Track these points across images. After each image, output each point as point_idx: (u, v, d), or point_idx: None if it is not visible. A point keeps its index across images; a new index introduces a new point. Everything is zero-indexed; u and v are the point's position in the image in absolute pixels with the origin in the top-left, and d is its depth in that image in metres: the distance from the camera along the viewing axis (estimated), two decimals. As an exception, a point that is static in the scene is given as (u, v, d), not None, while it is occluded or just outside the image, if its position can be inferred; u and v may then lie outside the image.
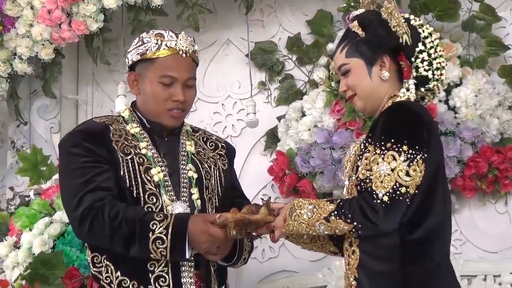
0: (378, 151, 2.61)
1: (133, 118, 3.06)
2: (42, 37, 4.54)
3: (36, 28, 4.53)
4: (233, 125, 4.81)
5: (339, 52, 2.85)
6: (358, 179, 2.69)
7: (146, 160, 2.96)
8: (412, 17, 2.87)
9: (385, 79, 2.79)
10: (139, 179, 2.92)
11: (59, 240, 3.88)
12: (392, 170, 2.57)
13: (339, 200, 2.66)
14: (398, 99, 2.77)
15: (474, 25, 4.31)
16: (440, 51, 2.83)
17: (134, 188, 2.91)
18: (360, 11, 2.91)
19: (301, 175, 4.35)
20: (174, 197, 2.94)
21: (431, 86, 2.84)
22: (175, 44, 2.97)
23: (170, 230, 2.79)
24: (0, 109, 5.22)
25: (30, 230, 3.97)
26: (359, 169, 2.70)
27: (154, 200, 2.91)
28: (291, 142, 4.43)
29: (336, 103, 4.23)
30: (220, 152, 3.15)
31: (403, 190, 2.57)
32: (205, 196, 3.00)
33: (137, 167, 2.93)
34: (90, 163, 2.90)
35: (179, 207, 2.92)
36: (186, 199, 2.96)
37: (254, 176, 4.67)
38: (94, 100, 5.15)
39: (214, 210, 2.99)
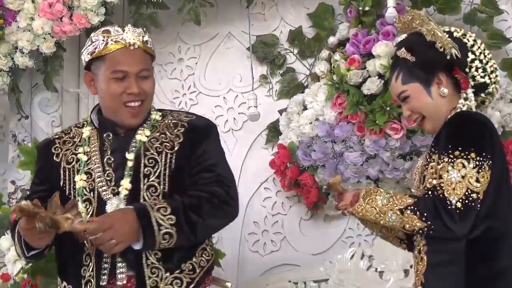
0: (446, 159, 2.65)
1: (91, 121, 3.09)
2: (43, 30, 4.53)
3: (37, 22, 4.52)
4: (234, 118, 4.81)
5: (394, 80, 2.88)
6: (426, 188, 2.72)
7: (82, 167, 2.99)
8: (453, 29, 2.92)
9: (445, 95, 2.83)
10: (74, 187, 2.97)
11: (61, 233, 3.88)
12: (463, 177, 2.62)
13: (416, 196, 2.70)
14: (458, 110, 2.81)
15: (476, 18, 4.31)
16: (488, 54, 2.89)
17: (72, 196, 2.96)
18: (403, 36, 2.96)
19: (303, 169, 4.35)
20: (111, 195, 2.93)
21: (490, 90, 2.90)
22: (122, 38, 2.96)
23: (16, 232, 2.90)
24: (1, 103, 5.21)
25: (32, 223, 3.96)
26: (426, 178, 2.75)
27: (87, 205, 2.94)
28: (292, 136, 4.42)
29: (337, 96, 4.22)
30: (177, 132, 3.04)
31: (474, 196, 2.62)
32: (141, 184, 2.94)
33: (73, 175, 2.99)
34: (33, 182, 3.17)
35: (115, 202, 2.91)
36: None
37: (256, 170, 4.68)
38: (95, 94, 5.15)
39: (160, 197, 2.93)
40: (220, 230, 3.17)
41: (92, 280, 2.89)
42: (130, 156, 2.96)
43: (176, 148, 3.00)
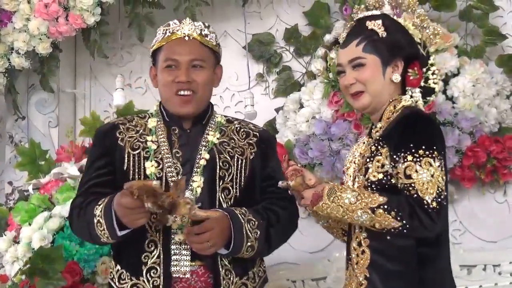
0: (410, 158, 2.64)
1: (158, 113, 3.12)
2: (39, 31, 4.54)
3: (33, 22, 4.53)
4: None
5: (354, 45, 2.85)
6: (369, 180, 2.72)
7: (152, 154, 2.99)
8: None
9: (397, 81, 2.83)
10: (142, 173, 2.96)
11: (59, 234, 3.88)
12: (432, 175, 2.61)
13: (384, 194, 2.66)
14: (401, 104, 2.82)
15: (471, 15, 4.31)
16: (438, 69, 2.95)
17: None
18: (377, 12, 2.96)
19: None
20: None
21: (430, 98, 2.94)
22: (178, 29, 3.04)
23: (102, 211, 2.83)
24: (-2, 104, 5.22)
25: (30, 224, 3.96)
26: (370, 170, 2.73)
27: None
28: (289, 134, 4.43)
29: (334, 94, 4.23)
30: (250, 141, 3.11)
31: (444, 194, 2.62)
32: (217, 186, 2.97)
33: (141, 162, 2.98)
34: (93, 166, 3.05)
35: (188, 196, 2.89)
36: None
37: (253, 168, 4.67)
38: (92, 94, 5.15)
39: (232, 200, 2.98)
40: None
41: (158, 268, 2.90)
42: (206, 155, 2.99)
43: (249, 156, 3.07)
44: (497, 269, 4.07)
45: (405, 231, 2.62)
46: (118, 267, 2.97)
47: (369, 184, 2.71)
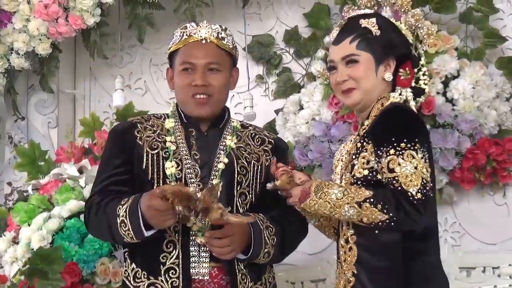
0: (392, 151, 2.65)
1: (175, 114, 3.13)
2: (39, 31, 4.53)
3: (33, 23, 4.52)
4: (231, 118, 4.80)
5: (347, 42, 2.88)
6: (355, 177, 2.74)
7: (171, 155, 3.01)
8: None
9: (388, 80, 2.86)
10: (161, 173, 2.99)
11: (58, 235, 3.87)
12: (415, 167, 2.62)
13: (371, 188, 2.67)
14: (389, 101, 2.84)
15: (472, 17, 4.31)
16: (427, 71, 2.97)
17: (155, 181, 2.98)
18: (369, 11, 2.98)
19: (300, 169, 4.35)
20: (198, 189, 2.92)
21: (420, 99, 2.96)
22: (195, 33, 3.05)
23: (127, 211, 2.84)
24: (-3, 105, 5.22)
25: (29, 225, 3.96)
26: (355, 167, 2.75)
27: None
28: (289, 136, 4.42)
29: (333, 96, 4.22)
30: (265, 148, 3.14)
31: (429, 185, 2.63)
32: (234, 191, 3.00)
33: (160, 161, 3.00)
34: (110, 164, 3.06)
35: None
36: None
37: (252, 170, 4.66)
38: (91, 95, 5.15)
39: (248, 206, 3.01)
40: None
41: (177, 269, 2.91)
42: (224, 159, 3.02)
43: (264, 162, 3.10)
44: (496, 271, 4.07)
45: (392, 223, 2.63)
46: (133, 265, 2.98)
47: (355, 180, 2.73)
